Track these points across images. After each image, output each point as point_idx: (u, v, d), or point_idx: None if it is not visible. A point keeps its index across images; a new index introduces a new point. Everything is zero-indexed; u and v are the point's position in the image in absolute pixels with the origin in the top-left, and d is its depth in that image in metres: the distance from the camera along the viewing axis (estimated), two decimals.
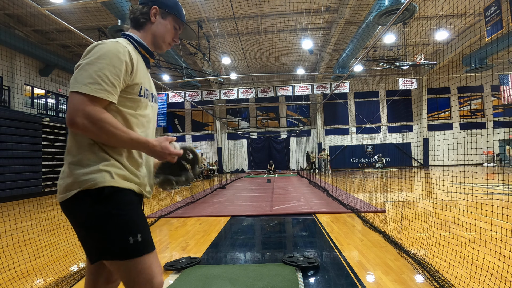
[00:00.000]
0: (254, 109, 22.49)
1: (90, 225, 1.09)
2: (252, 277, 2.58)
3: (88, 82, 1.01)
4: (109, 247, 1.08)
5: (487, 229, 3.71)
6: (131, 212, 1.12)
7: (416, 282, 2.38)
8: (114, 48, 1.07)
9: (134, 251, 1.09)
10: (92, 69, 1.02)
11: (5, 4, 10.39)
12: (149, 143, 1.11)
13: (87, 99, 1.00)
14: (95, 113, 1.00)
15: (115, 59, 1.06)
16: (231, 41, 14.52)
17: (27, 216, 5.49)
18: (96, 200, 1.07)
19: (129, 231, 1.09)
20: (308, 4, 11.41)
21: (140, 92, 1.18)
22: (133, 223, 1.11)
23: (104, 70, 1.03)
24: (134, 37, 1.24)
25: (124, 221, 1.09)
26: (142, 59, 1.24)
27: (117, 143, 1.07)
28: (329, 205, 6.04)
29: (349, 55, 14.30)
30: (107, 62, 1.04)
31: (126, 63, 1.09)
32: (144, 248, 1.11)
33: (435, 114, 21.34)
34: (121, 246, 1.08)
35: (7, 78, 11.20)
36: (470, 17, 13.34)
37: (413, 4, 9.07)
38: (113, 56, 1.06)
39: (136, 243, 1.09)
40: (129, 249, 1.08)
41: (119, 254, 1.08)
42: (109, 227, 1.07)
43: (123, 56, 1.08)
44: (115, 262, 1.10)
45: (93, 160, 1.09)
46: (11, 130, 9.28)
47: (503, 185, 8.51)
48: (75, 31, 4.97)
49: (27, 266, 3.00)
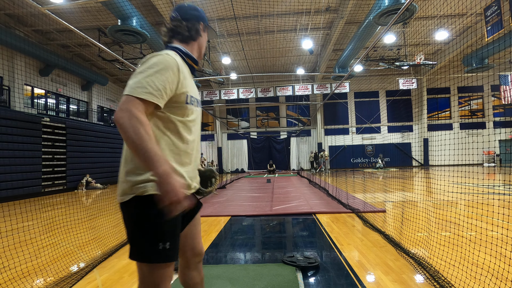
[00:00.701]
0: (254, 109, 22.49)
1: (134, 226, 1.20)
2: (252, 277, 2.58)
3: (136, 87, 1.11)
4: (139, 249, 1.19)
5: (487, 229, 3.71)
6: (169, 221, 1.18)
7: (416, 282, 2.38)
8: (164, 59, 1.18)
9: (159, 257, 1.18)
10: (141, 76, 1.13)
11: (5, 4, 10.38)
12: (162, 168, 1.05)
13: (133, 99, 1.09)
14: (135, 112, 1.07)
15: (164, 68, 1.16)
16: (231, 41, 14.52)
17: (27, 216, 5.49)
18: (144, 205, 1.17)
19: (160, 238, 1.18)
20: (308, 4, 11.41)
21: (187, 100, 1.27)
22: (166, 232, 1.20)
23: (151, 77, 1.13)
24: (181, 49, 1.37)
25: (159, 228, 1.18)
26: (188, 68, 1.37)
27: (138, 149, 1.05)
28: (329, 205, 6.04)
29: (349, 55, 14.30)
30: (156, 71, 1.15)
31: (174, 73, 1.19)
32: (168, 256, 1.20)
33: (435, 114, 21.34)
34: (149, 251, 1.17)
35: (7, 78, 11.20)
36: (470, 17, 13.34)
37: (413, 4, 9.07)
38: (163, 66, 1.16)
39: (164, 250, 1.18)
40: (154, 254, 1.17)
41: (145, 258, 1.18)
42: (146, 231, 1.18)
43: (172, 67, 1.19)
44: (139, 264, 1.21)
45: (144, 169, 1.17)
46: (11, 130, 9.28)
47: (503, 185, 8.50)
48: (75, 30, 4.97)
49: (27, 266, 3.00)
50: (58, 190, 11.17)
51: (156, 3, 10.26)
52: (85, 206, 7.64)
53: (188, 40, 1.40)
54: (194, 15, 1.40)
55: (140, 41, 10.93)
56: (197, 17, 1.41)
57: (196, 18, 1.41)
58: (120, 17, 9.71)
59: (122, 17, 9.69)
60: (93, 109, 16.26)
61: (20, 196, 9.26)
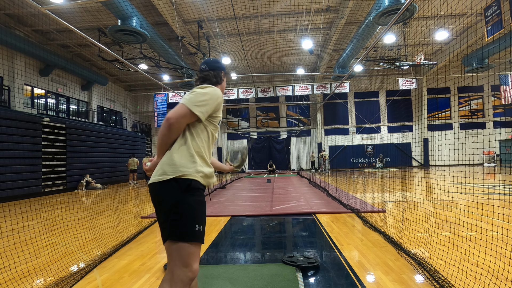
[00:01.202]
0: (254, 109, 22.49)
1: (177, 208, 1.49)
2: (252, 277, 2.58)
3: (192, 101, 1.56)
4: (182, 230, 1.47)
5: (487, 229, 3.71)
6: (203, 207, 1.57)
7: (416, 282, 2.38)
8: (216, 91, 1.67)
9: (196, 237, 1.48)
10: (198, 96, 1.59)
11: (5, 4, 10.39)
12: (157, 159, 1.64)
13: (186, 109, 1.54)
14: (180, 120, 1.53)
15: (214, 98, 1.64)
16: (231, 41, 14.52)
17: (27, 216, 5.49)
18: (183, 189, 1.49)
19: (199, 221, 1.51)
20: (308, 4, 11.40)
21: (218, 123, 1.74)
22: (202, 216, 1.55)
23: (206, 101, 1.60)
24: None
25: (200, 211, 1.54)
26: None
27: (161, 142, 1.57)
28: (329, 205, 6.04)
29: (349, 55, 14.30)
30: (209, 97, 1.62)
31: (218, 103, 1.67)
32: (202, 237, 1.51)
33: (435, 114, 21.33)
34: (190, 231, 1.47)
35: (7, 78, 11.20)
36: (470, 17, 13.34)
37: (413, 4, 9.07)
38: (214, 97, 1.64)
39: (200, 231, 1.49)
40: (195, 234, 1.47)
41: (186, 237, 1.46)
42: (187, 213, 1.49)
43: (218, 97, 1.66)
44: (175, 243, 1.46)
45: (188, 159, 1.55)
46: (11, 130, 9.28)
47: (503, 185, 8.50)
48: (75, 30, 4.97)
49: (27, 266, 3.01)
50: (58, 190, 11.17)
51: (156, 3, 10.26)
52: (85, 206, 7.64)
53: (216, 85, 1.80)
54: (217, 67, 1.85)
55: (140, 41, 10.93)
56: (220, 68, 1.86)
57: (219, 69, 1.85)
58: (120, 17, 9.70)
59: (122, 17, 9.68)
60: (93, 109, 16.26)
61: (20, 196, 9.26)
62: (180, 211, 1.48)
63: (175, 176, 1.50)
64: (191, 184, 1.51)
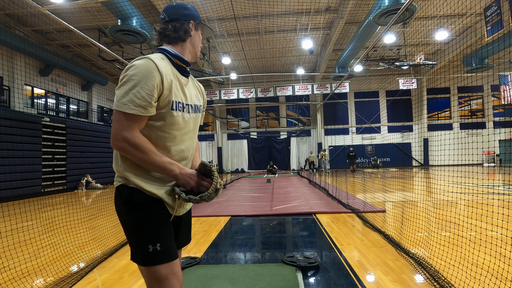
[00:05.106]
0: (254, 109, 22.48)
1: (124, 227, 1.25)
2: (252, 277, 2.58)
3: (126, 100, 1.10)
4: (132, 251, 1.22)
5: (487, 229, 3.71)
6: (155, 221, 1.20)
7: (416, 282, 2.38)
8: (146, 68, 1.13)
9: (151, 260, 1.17)
10: (127, 87, 1.11)
11: (5, 4, 10.38)
12: (174, 172, 1.20)
13: (125, 119, 1.11)
14: (130, 140, 1.12)
15: (147, 78, 1.12)
16: (231, 41, 14.52)
17: (27, 216, 5.49)
18: (125, 202, 1.20)
19: (151, 239, 1.17)
20: (308, 4, 11.40)
21: (172, 106, 1.21)
22: (156, 231, 1.19)
23: (137, 87, 1.11)
24: (169, 50, 1.30)
25: (151, 229, 1.19)
26: (177, 70, 1.29)
27: (148, 166, 1.18)
28: (329, 205, 6.04)
29: (349, 55, 14.30)
30: (141, 78, 1.11)
31: (156, 79, 1.14)
32: (162, 257, 1.17)
33: (435, 114, 21.33)
34: (143, 253, 1.18)
35: (7, 78, 11.19)
36: (470, 17, 13.34)
37: (413, 4, 9.07)
38: (147, 75, 1.12)
39: (156, 252, 1.16)
40: (148, 256, 1.17)
41: (136, 260, 1.20)
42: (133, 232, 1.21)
43: (154, 77, 1.14)
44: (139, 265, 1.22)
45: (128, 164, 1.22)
46: (11, 130, 9.28)
47: (503, 185, 8.50)
48: (75, 30, 4.97)
49: (27, 266, 3.00)
50: (58, 190, 11.16)
51: (156, 3, 10.26)
52: (85, 206, 7.64)
53: (177, 41, 1.32)
54: (182, 14, 1.32)
55: (140, 41, 10.93)
56: (185, 16, 1.32)
57: (184, 17, 1.32)
58: (120, 17, 9.70)
59: (122, 17, 9.68)
60: (93, 109, 16.25)
61: (20, 196, 9.26)
62: (125, 230, 1.21)
63: (118, 185, 1.21)
64: (133, 194, 1.18)
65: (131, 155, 1.13)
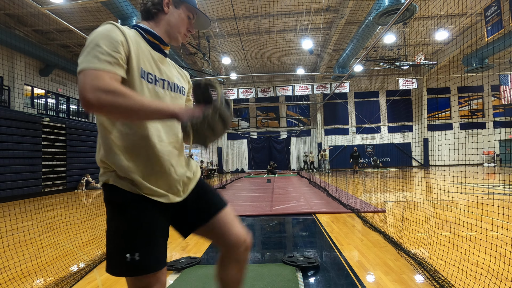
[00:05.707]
0: (254, 109, 22.48)
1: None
2: (252, 277, 2.58)
3: (89, 58, 0.95)
4: (107, 261, 1.09)
5: (487, 229, 3.71)
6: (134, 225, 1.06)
7: (416, 282, 2.38)
8: (105, 28, 1.02)
9: (129, 270, 1.04)
10: (87, 50, 0.97)
11: (5, 4, 10.38)
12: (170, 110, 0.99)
13: (91, 75, 0.92)
14: (104, 85, 0.90)
15: (108, 36, 1.00)
16: (231, 41, 14.52)
17: (27, 216, 5.48)
18: (106, 201, 1.11)
19: (129, 247, 1.03)
20: (308, 4, 11.41)
21: (141, 75, 1.08)
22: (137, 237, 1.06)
23: (98, 47, 0.97)
24: (141, 25, 1.20)
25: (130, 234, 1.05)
26: (149, 45, 1.16)
27: (138, 114, 0.95)
28: (329, 205, 6.04)
29: (349, 55, 14.30)
30: (101, 37, 0.99)
31: (120, 41, 1.02)
32: (142, 268, 1.04)
33: (435, 114, 21.33)
34: (119, 262, 1.05)
35: (7, 78, 11.19)
36: (470, 17, 13.34)
37: (413, 4, 9.07)
38: (107, 34, 1.00)
39: (134, 261, 1.02)
40: (127, 266, 1.03)
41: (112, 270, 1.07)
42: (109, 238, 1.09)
43: (116, 35, 1.01)
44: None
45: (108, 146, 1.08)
46: (11, 130, 9.28)
47: (503, 185, 8.50)
48: (75, 30, 4.97)
49: (27, 266, 3.00)
50: (58, 190, 11.16)
51: None
52: (85, 206, 7.64)
53: (148, 18, 1.20)
54: None
55: None
56: None
57: None
58: (120, 17, 9.70)
59: (122, 17, 9.68)
60: None
61: (20, 196, 9.26)
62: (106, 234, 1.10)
63: (102, 183, 1.10)
64: (110, 192, 1.07)
65: (111, 107, 0.89)
